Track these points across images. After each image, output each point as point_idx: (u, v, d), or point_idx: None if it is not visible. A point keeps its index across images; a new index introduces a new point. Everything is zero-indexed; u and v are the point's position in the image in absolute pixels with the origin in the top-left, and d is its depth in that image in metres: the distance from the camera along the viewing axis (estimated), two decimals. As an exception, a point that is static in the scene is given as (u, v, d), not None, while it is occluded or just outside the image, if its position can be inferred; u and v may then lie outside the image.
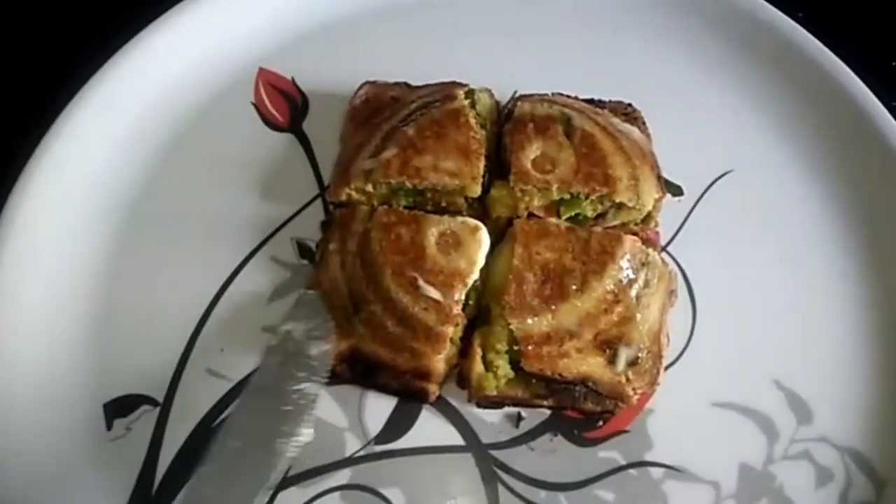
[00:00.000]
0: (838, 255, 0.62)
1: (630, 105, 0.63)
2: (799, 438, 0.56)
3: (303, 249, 0.61)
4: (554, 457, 0.55)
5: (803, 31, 0.67)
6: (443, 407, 0.56)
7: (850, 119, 0.65)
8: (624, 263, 0.54)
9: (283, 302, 0.59)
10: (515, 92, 0.65)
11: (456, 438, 0.55)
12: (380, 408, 0.56)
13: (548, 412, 0.56)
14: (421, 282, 0.52)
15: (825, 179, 0.65)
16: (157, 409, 0.56)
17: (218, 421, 0.55)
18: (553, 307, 0.53)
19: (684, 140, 0.65)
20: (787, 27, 0.67)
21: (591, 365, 0.53)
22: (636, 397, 0.54)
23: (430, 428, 0.56)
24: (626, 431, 0.56)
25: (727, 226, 0.63)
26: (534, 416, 0.56)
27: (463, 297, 0.53)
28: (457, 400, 0.56)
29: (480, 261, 0.54)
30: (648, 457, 0.55)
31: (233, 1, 0.68)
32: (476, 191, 0.56)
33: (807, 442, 0.56)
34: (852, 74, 0.65)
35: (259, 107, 0.67)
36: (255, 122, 0.66)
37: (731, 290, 0.61)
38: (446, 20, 0.70)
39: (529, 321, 0.53)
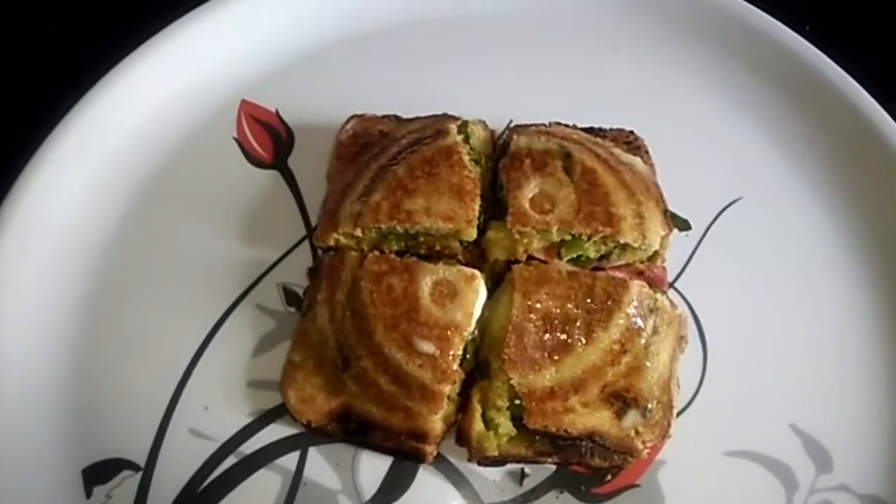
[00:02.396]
0: (858, 286, 0.59)
1: (632, 133, 0.60)
2: (819, 488, 0.53)
3: (289, 296, 0.58)
4: (561, 515, 0.52)
5: (814, 49, 0.64)
6: (441, 465, 0.53)
7: (863, 140, 0.61)
8: (631, 311, 0.51)
9: (269, 355, 0.55)
10: (511, 121, 0.62)
11: (456, 499, 0.52)
12: (375, 468, 0.53)
13: (553, 467, 0.53)
14: (415, 336, 0.49)
15: (841, 204, 0.62)
16: (139, 473, 0.52)
17: (204, 485, 0.52)
18: (556, 360, 0.50)
19: (689, 167, 0.62)
20: (796, 45, 0.64)
21: (599, 419, 0.50)
22: (646, 451, 0.51)
23: (428, 488, 0.53)
24: (636, 486, 0.53)
25: (738, 257, 0.60)
26: (538, 472, 0.53)
27: (460, 352, 0.50)
28: (456, 457, 0.53)
29: (477, 311, 0.51)
30: (661, 512, 0.52)
31: (213, 30, 0.64)
32: (472, 234, 0.53)
33: (827, 491, 0.53)
34: (865, 93, 0.62)
35: (242, 142, 0.63)
36: (237, 158, 0.63)
37: (743, 328, 0.57)
38: (437, 45, 0.66)
39: (531, 376, 0.49)
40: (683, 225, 0.60)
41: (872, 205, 0.61)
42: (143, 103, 0.62)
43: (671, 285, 0.58)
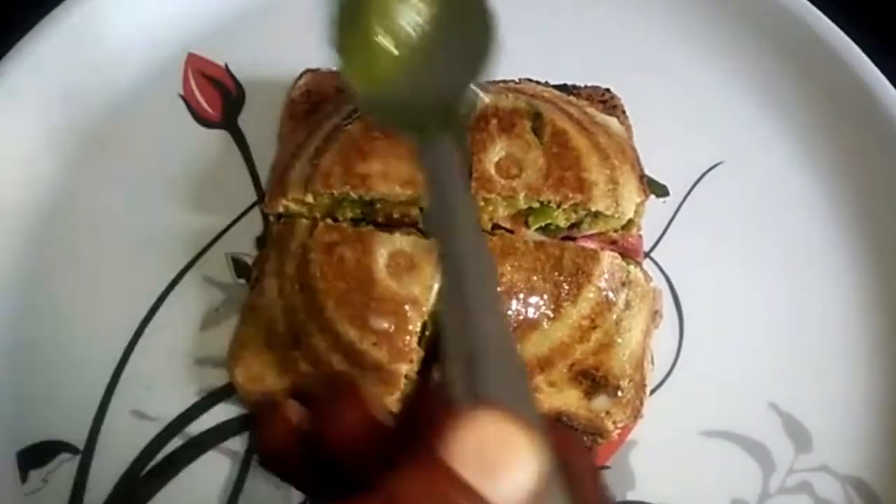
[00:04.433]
0: (845, 260, 0.55)
1: (608, 91, 0.56)
2: (798, 468, 0.51)
3: (239, 267, 0.54)
4: (526, 498, 0.50)
5: (806, 2, 0.59)
6: (400, 446, 0.50)
7: (857, 103, 0.57)
8: (602, 284, 0.47)
9: (217, 330, 0.52)
10: (478, 77, 0.57)
11: (415, 482, 0.50)
12: (329, 450, 0.50)
13: (518, 449, 0.50)
14: (369, 312, 0.46)
15: (829, 170, 0.58)
16: (78, 457, 0.49)
17: (148, 469, 0.49)
18: (520, 337, 0.46)
19: (668, 129, 0.57)
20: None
21: (566, 399, 0.47)
22: (617, 431, 0.49)
23: (386, 471, 0.50)
24: (606, 468, 0.50)
25: (718, 226, 0.56)
26: (503, 454, 0.50)
27: (419, 329, 0.46)
28: (416, 438, 0.50)
29: (437, 285, 0.47)
30: (631, 496, 0.50)
31: (156, -26, 0.59)
32: (432, 201, 0.49)
33: (806, 472, 0.51)
34: (857, 49, 0.58)
35: (188, 99, 0.58)
36: (183, 117, 0.58)
37: (722, 301, 0.54)
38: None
39: (494, 353, 0.46)
40: (661, 191, 0.56)
41: (862, 171, 0.57)
42: (78, 57, 0.57)
43: (647, 255, 0.55)
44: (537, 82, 0.55)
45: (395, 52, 0.36)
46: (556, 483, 0.24)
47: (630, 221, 0.51)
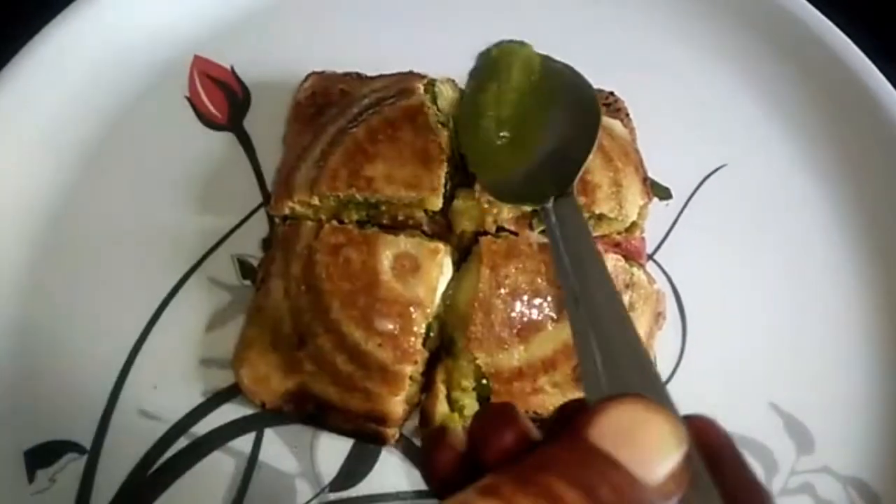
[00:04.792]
0: (846, 262, 0.56)
1: (612, 94, 0.56)
2: (800, 470, 0.51)
3: (245, 268, 0.54)
4: (529, 498, 0.50)
5: (807, 5, 0.59)
6: (405, 447, 0.50)
7: (858, 105, 0.58)
8: (605, 286, 0.48)
9: (223, 331, 0.52)
10: (482, 80, 0.57)
11: (419, 483, 0.50)
12: (334, 450, 0.50)
13: (522, 449, 0.51)
14: (374, 314, 0.46)
15: (831, 173, 0.58)
16: (85, 456, 0.49)
17: (154, 468, 0.49)
18: (525, 338, 0.47)
19: (672, 132, 0.58)
20: (787, 3, 0.60)
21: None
22: (620, 432, 0.49)
23: (390, 472, 0.50)
24: (608, 468, 0.51)
25: (721, 228, 0.57)
26: (506, 454, 0.51)
27: (423, 330, 0.47)
28: (420, 439, 0.51)
29: (442, 287, 0.48)
30: (634, 496, 0.50)
31: (163, -22, 0.60)
32: (436, 204, 0.49)
33: (808, 473, 0.51)
34: (860, 53, 0.58)
35: (194, 102, 0.59)
36: (189, 119, 0.58)
37: (725, 303, 0.54)
38: (404, -2, 0.62)
39: (498, 355, 0.46)
40: (664, 194, 0.56)
41: (863, 173, 0.58)
42: (85, 61, 0.58)
43: (650, 257, 0.55)
44: (541, 85, 0.55)
45: (514, 149, 0.42)
46: (700, 464, 0.25)
47: (633, 224, 0.51)
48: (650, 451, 0.23)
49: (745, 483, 0.27)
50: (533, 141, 0.40)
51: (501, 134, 0.43)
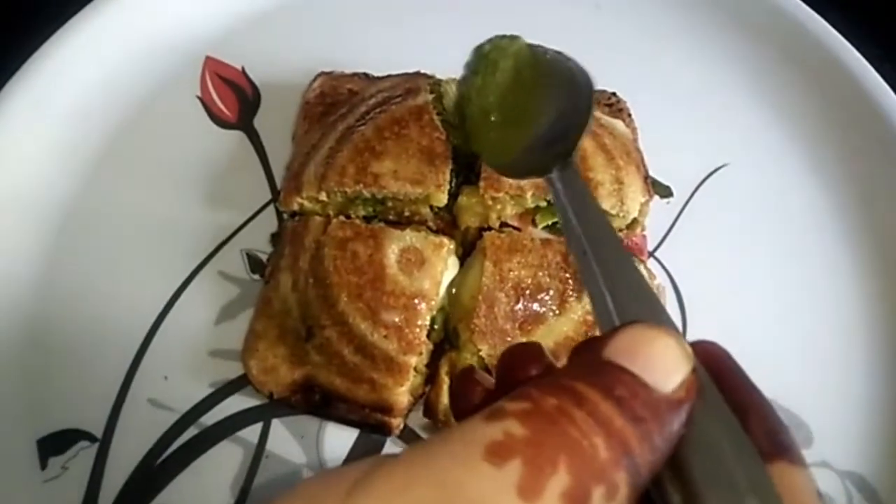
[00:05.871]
0: (845, 260, 0.57)
1: (614, 94, 0.58)
2: (798, 464, 0.52)
3: (254, 263, 0.55)
4: (532, 489, 0.51)
5: (805, 7, 0.61)
6: (409, 438, 0.51)
7: (858, 106, 0.59)
8: (606, 280, 0.49)
9: (232, 323, 0.53)
10: (487, 81, 0.59)
11: (423, 473, 0.51)
12: (340, 440, 0.51)
13: (524, 441, 0.51)
14: (380, 306, 0.47)
15: (831, 172, 0.59)
16: (96, 445, 0.50)
17: (163, 457, 0.50)
18: (528, 330, 0.48)
19: (673, 131, 0.59)
20: (786, 4, 0.61)
21: (571, 392, 0.48)
22: (620, 425, 0.49)
23: (395, 462, 0.51)
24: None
25: (721, 227, 0.57)
26: (509, 446, 0.51)
27: (428, 322, 0.48)
28: (424, 430, 0.51)
29: (447, 280, 0.49)
30: (634, 489, 0.51)
31: (176, -19, 0.61)
32: (441, 200, 0.50)
33: (806, 467, 0.52)
34: (857, 54, 0.60)
35: (206, 101, 0.60)
36: (201, 118, 0.60)
37: (725, 300, 0.55)
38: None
39: (502, 347, 0.47)
40: (665, 192, 0.57)
41: (863, 172, 0.59)
42: (100, 60, 0.59)
43: (651, 254, 0.56)
44: (545, 85, 0.57)
45: (511, 129, 0.43)
46: (707, 379, 0.26)
47: (635, 221, 0.52)
48: (661, 361, 0.25)
49: (752, 398, 0.28)
50: (528, 119, 0.42)
51: (492, 118, 0.45)
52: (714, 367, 0.28)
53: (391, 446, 0.51)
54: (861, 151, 0.59)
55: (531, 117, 0.42)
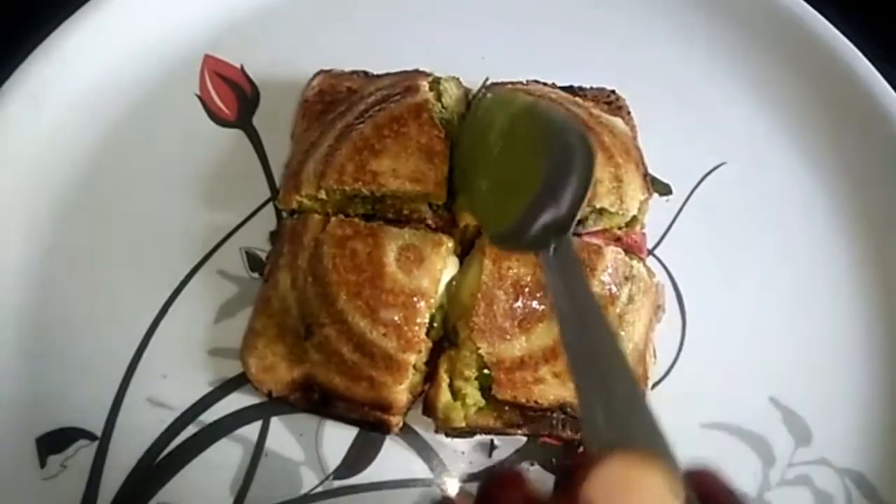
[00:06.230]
0: (844, 258, 0.57)
1: (613, 92, 0.57)
2: (797, 461, 0.52)
3: (253, 261, 0.55)
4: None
5: (804, 4, 0.61)
6: (408, 436, 0.51)
7: (858, 105, 0.59)
8: (605, 278, 0.49)
9: (231, 322, 0.53)
10: (487, 79, 0.58)
11: (423, 471, 0.51)
12: (339, 439, 0.51)
13: (523, 439, 0.51)
14: (379, 304, 0.47)
15: (830, 170, 0.59)
16: (95, 443, 0.50)
17: (163, 455, 0.50)
18: (527, 328, 0.48)
19: (672, 130, 0.59)
20: (785, 1, 0.61)
21: (570, 390, 0.48)
22: (620, 423, 0.50)
23: (393, 460, 0.51)
24: (608, 459, 0.51)
25: (720, 224, 0.58)
26: (508, 444, 0.51)
27: (427, 320, 0.48)
28: (423, 428, 0.51)
29: (446, 278, 0.49)
30: (633, 486, 0.51)
31: (175, -21, 0.61)
32: (441, 197, 0.50)
33: (806, 465, 0.52)
34: (857, 52, 0.60)
35: (205, 100, 0.60)
36: (200, 117, 0.59)
37: (724, 297, 0.55)
38: (410, -1, 0.63)
39: (500, 345, 0.47)
40: (664, 189, 0.57)
41: (862, 171, 0.59)
42: (99, 58, 0.59)
43: (650, 252, 0.56)
44: (544, 84, 0.57)
45: (511, 200, 0.41)
46: None
47: (634, 218, 0.52)
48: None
49: None
50: (522, 189, 0.40)
51: (485, 187, 0.44)
52: (707, 494, 0.27)
53: (390, 444, 0.51)
54: (860, 150, 0.59)
55: (528, 184, 0.40)
